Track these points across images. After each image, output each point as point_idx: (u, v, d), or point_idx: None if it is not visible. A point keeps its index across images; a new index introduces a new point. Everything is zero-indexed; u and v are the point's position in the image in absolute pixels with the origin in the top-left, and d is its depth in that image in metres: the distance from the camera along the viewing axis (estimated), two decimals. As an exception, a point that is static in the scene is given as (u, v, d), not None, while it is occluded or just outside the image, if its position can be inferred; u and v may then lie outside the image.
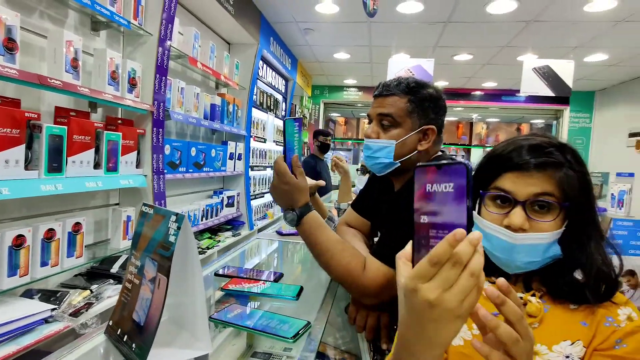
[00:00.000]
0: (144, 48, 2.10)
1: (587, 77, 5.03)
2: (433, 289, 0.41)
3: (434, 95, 1.07)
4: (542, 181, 0.65)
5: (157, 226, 0.63)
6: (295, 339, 0.71)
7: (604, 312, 0.64)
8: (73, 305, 1.53)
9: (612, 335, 0.62)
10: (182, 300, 0.67)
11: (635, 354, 0.60)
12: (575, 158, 0.68)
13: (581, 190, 0.66)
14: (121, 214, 1.96)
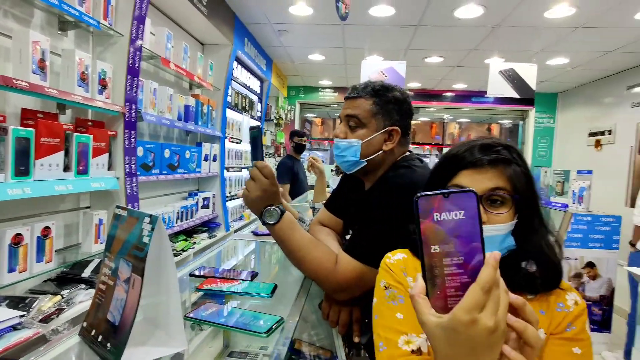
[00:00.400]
0: (114, 48, 2.07)
1: (550, 79, 5.28)
2: (490, 316, 0.42)
3: (399, 98, 1.13)
4: (495, 177, 0.71)
5: (131, 228, 0.65)
6: (269, 334, 0.73)
7: (554, 299, 0.71)
8: (43, 312, 1.50)
9: (564, 320, 0.69)
10: (156, 300, 0.69)
11: (580, 333, 0.68)
12: (519, 156, 0.74)
13: (527, 185, 0.72)
14: (92, 217, 1.93)
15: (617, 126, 4.71)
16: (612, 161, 4.70)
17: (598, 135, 5.03)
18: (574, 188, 3.55)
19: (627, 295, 3.12)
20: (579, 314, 0.69)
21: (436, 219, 0.46)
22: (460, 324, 0.42)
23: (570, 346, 0.68)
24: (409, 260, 0.82)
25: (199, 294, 1.04)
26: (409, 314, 0.73)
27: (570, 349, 0.67)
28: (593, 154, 5.12)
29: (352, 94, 1.14)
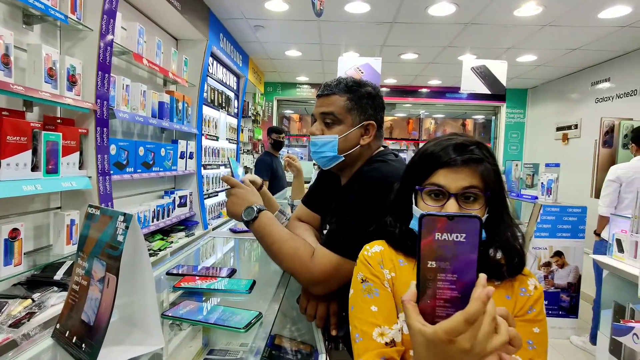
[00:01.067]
0: (84, 44, 2.00)
1: (520, 76, 5.45)
2: (468, 339, 0.47)
3: (371, 93, 1.15)
4: (469, 175, 0.75)
5: (104, 227, 0.64)
6: (247, 329, 0.74)
7: (518, 285, 0.77)
8: (13, 316, 1.45)
9: (526, 303, 0.75)
10: (132, 299, 0.68)
11: (539, 315, 0.75)
12: (489, 153, 0.78)
13: (497, 181, 0.76)
14: (64, 218, 1.87)
15: (583, 121, 4.92)
16: (578, 154, 4.91)
17: (565, 129, 5.24)
18: (542, 180, 3.69)
19: (593, 282, 3.28)
20: (538, 297, 0.76)
21: (437, 238, 0.51)
22: (439, 340, 0.48)
23: (531, 327, 0.74)
24: (385, 252, 0.84)
25: (177, 292, 1.04)
26: (383, 306, 0.76)
27: (531, 329, 0.74)
28: (560, 147, 5.33)
29: (325, 92, 1.16)
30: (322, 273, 1.00)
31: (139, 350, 0.65)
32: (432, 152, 0.78)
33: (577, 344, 3.36)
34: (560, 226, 3.49)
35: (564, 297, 3.52)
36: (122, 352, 0.63)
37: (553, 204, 3.52)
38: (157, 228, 2.83)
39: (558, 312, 3.51)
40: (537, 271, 3.50)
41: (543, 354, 0.73)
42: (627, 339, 1.48)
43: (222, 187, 4.50)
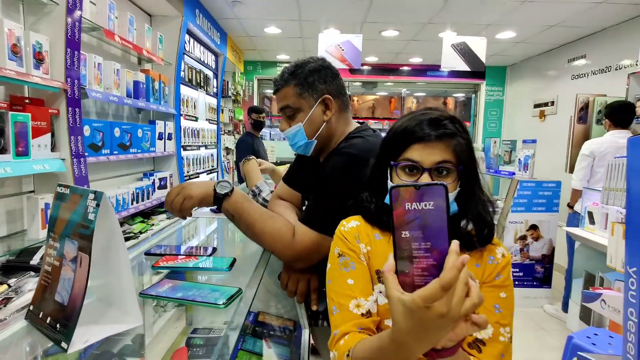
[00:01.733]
0: (49, 19, 1.90)
1: (499, 53, 5.48)
2: (444, 304, 0.49)
3: (315, 68, 1.14)
4: (442, 150, 0.76)
5: (75, 206, 0.63)
6: (226, 304, 0.75)
7: (487, 254, 0.81)
8: (-12, 302, 1.42)
9: (494, 271, 0.79)
10: (108, 279, 0.68)
11: (506, 280, 0.79)
12: (462, 127, 0.79)
13: (469, 155, 0.78)
14: (37, 201, 1.82)
15: (559, 97, 5.01)
16: (554, 131, 5.02)
17: (542, 106, 5.33)
18: (519, 157, 3.78)
19: (566, 253, 3.42)
20: (505, 264, 0.80)
21: (407, 208, 0.53)
22: (417, 307, 0.50)
23: (498, 292, 0.78)
24: (362, 227, 0.86)
25: (158, 273, 1.03)
26: (359, 279, 0.78)
27: (498, 294, 0.78)
28: (538, 124, 5.44)
29: (275, 88, 1.19)
30: (303, 251, 1.02)
31: (117, 328, 0.65)
32: (406, 128, 0.79)
33: (550, 312, 3.53)
34: (535, 200, 3.60)
35: (538, 269, 3.67)
36: (100, 331, 0.63)
37: (529, 179, 3.62)
38: (137, 210, 2.79)
39: (532, 283, 3.67)
40: (513, 244, 3.62)
41: (509, 316, 0.77)
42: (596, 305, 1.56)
43: (203, 168, 4.44)
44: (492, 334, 0.75)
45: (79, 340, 0.58)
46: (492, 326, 0.75)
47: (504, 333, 0.75)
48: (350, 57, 3.66)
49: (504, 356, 0.75)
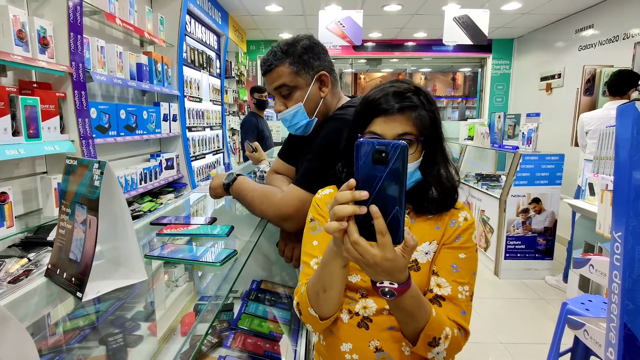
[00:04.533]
0: (51, 4, 1.95)
1: (505, 25, 5.37)
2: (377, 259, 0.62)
3: (307, 45, 1.16)
4: (403, 123, 0.79)
5: (82, 175, 0.70)
6: (222, 262, 0.82)
7: (449, 218, 0.85)
8: (11, 274, 1.53)
9: (454, 233, 0.83)
10: (115, 243, 0.75)
11: (466, 243, 0.83)
12: (428, 99, 0.82)
13: (432, 126, 0.81)
14: (50, 181, 1.92)
15: (566, 69, 4.93)
16: (561, 104, 4.97)
17: (549, 79, 5.25)
18: (523, 131, 3.77)
19: (569, 226, 3.46)
20: (467, 227, 0.84)
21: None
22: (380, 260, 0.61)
23: (457, 252, 0.82)
24: (334, 195, 0.92)
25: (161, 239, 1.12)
26: (322, 241, 0.87)
27: (457, 254, 0.82)
28: (544, 97, 5.37)
29: (267, 69, 1.17)
30: (288, 207, 1.08)
31: (123, 282, 0.73)
32: (372, 100, 0.82)
33: (551, 283, 3.60)
34: (538, 174, 3.62)
35: (540, 241, 3.72)
36: (110, 284, 0.71)
37: (532, 153, 3.62)
38: (146, 190, 2.89)
39: (534, 255, 3.73)
40: (515, 217, 3.67)
41: (467, 276, 0.82)
42: (585, 270, 1.61)
43: (209, 149, 4.51)
44: (451, 290, 0.80)
45: (92, 291, 0.66)
46: (449, 284, 0.80)
47: (462, 291, 0.80)
48: (351, 33, 3.64)
49: (465, 313, 0.80)
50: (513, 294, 3.46)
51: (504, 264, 3.74)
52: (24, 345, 0.35)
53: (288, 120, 1.19)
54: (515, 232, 3.70)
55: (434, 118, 0.81)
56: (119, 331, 0.98)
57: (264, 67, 1.18)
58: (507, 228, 3.69)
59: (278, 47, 1.16)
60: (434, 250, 0.83)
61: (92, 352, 0.93)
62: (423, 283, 0.81)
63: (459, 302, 0.80)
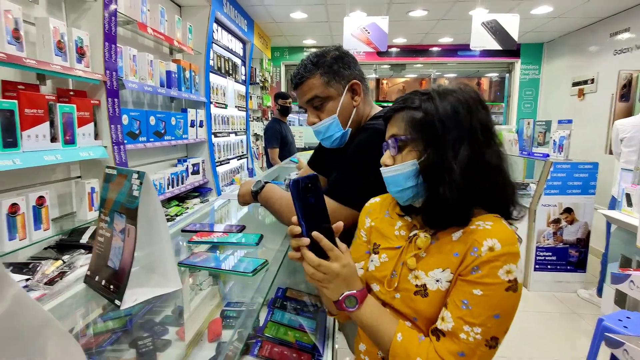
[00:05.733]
0: (88, 15, 2.03)
1: (535, 29, 5.23)
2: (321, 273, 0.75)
3: (337, 56, 1.15)
4: (394, 124, 0.81)
5: (121, 185, 0.71)
6: (254, 273, 0.82)
7: (473, 243, 0.72)
8: (47, 275, 1.58)
9: (472, 264, 0.71)
10: (151, 250, 0.76)
11: (485, 277, 0.69)
12: (429, 100, 0.77)
13: (423, 125, 0.76)
14: (84, 186, 1.98)
15: (600, 75, 4.75)
16: (594, 110, 4.78)
17: (581, 84, 5.08)
18: (554, 138, 3.65)
19: (603, 237, 3.31)
20: (489, 259, 0.70)
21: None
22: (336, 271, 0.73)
23: (471, 287, 0.70)
24: (380, 203, 0.92)
25: (191, 246, 1.13)
26: (355, 249, 0.93)
27: (470, 289, 0.70)
28: (576, 103, 5.19)
29: (297, 81, 1.17)
30: None
31: (160, 291, 0.74)
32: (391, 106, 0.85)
33: (584, 297, 3.44)
34: (570, 183, 3.49)
35: (573, 253, 3.57)
36: (145, 293, 0.72)
37: (564, 161, 3.50)
38: (173, 195, 2.94)
39: (566, 267, 3.58)
40: (546, 228, 3.54)
41: (481, 317, 0.69)
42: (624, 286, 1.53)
43: (233, 154, 4.58)
44: (452, 327, 0.70)
45: (129, 299, 0.67)
46: (453, 320, 0.70)
47: (468, 332, 0.69)
48: (376, 39, 3.62)
49: (463, 355, 0.69)
50: (543, 307, 3.33)
51: (533, 276, 3.61)
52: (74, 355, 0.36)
53: (322, 133, 1.18)
54: (545, 242, 3.57)
55: (427, 119, 0.75)
56: (148, 335, 1.00)
57: (294, 80, 1.18)
58: (537, 238, 3.57)
59: (308, 60, 1.16)
60: (448, 280, 0.74)
61: (122, 354, 0.94)
62: (431, 311, 0.75)
63: (459, 341, 0.70)
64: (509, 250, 0.70)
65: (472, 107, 0.76)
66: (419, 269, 0.77)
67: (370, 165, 1.01)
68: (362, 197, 1.07)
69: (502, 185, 0.77)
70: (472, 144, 0.74)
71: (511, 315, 0.71)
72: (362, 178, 1.05)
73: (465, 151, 0.73)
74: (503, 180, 0.77)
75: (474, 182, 0.73)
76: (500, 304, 0.69)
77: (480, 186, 0.74)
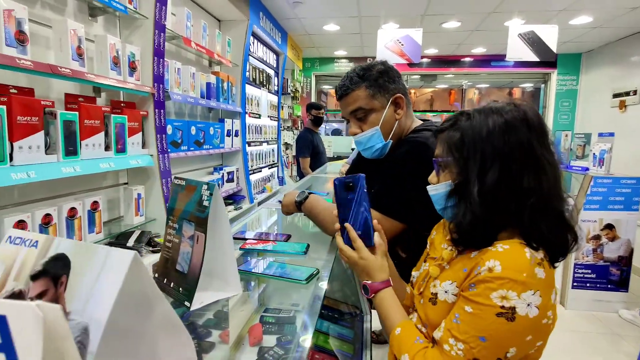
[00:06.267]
0: (140, 31, 2.16)
1: (574, 39, 5.10)
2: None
3: (382, 70, 1.19)
4: (438, 145, 0.83)
5: (191, 195, 0.77)
6: (308, 281, 0.86)
7: (478, 262, 0.72)
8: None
9: (471, 280, 0.71)
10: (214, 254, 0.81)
11: (478, 297, 0.68)
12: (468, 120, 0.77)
13: (458, 146, 0.77)
14: (132, 192, 2.09)
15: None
16: (637, 122, 4.59)
17: (623, 95, 4.89)
18: (594, 151, 3.53)
19: (646, 255, 3.16)
20: (485, 280, 0.68)
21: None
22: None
23: (464, 303, 0.71)
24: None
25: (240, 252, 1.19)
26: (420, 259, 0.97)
27: (464, 305, 0.70)
28: (617, 115, 5.00)
29: (343, 93, 1.21)
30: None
31: (221, 295, 0.79)
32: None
33: (626, 318, 3.28)
34: (612, 198, 3.35)
35: (614, 271, 3.42)
36: (209, 296, 0.77)
37: (605, 175, 3.37)
38: (210, 202, 3.04)
39: (607, 286, 3.43)
40: (585, 244, 3.41)
41: (466, 334, 0.68)
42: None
43: (265, 163, 4.68)
44: (440, 337, 0.72)
45: (197, 301, 0.72)
46: (443, 331, 0.73)
47: (452, 345, 0.69)
48: (409, 51, 3.64)
49: None
50: (582, 326, 3.20)
51: (571, 294, 3.48)
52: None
53: (363, 143, 1.22)
54: (584, 259, 3.44)
55: (461, 139, 0.76)
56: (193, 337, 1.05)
57: (339, 91, 1.23)
58: (576, 255, 3.44)
59: (354, 72, 1.21)
60: (454, 293, 0.76)
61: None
62: (436, 320, 0.77)
63: (443, 352, 0.71)
64: (510, 275, 0.66)
65: (512, 128, 0.73)
66: (439, 279, 0.81)
67: (409, 177, 1.04)
68: (403, 209, 1.09)
69: (542, 214, 0.72)
70: (505, 167, 0.72)
71: (504, 344, 0.67)
72: (402, 190, 1.08)
73: (493, 175, 0.72)
74: (545, 208, 0.72)
75: (497, 207, 0.72)
76: (488, 328, 0.66)
77: (511, 210, 0.72)
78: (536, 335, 0.68)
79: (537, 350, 0.72)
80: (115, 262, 0.31)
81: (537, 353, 0.73)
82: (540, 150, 0.74)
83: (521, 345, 0.67)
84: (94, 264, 0.31)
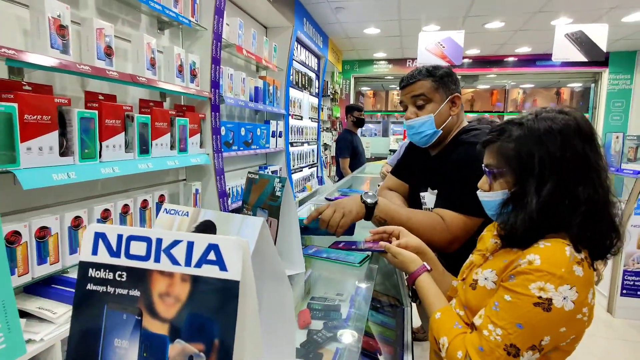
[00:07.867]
0: (200, 42, 2.37)
1: (627, 37, 4.87)
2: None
3: (448, 72, 1.33)
4: (488, 155, 0.86)
5: (264, 187, 0.92)
6: (362, 264, 0.98)
7: (519, 256, 0.77)
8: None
9: (511, 272, 0.76)
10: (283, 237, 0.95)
11: (517, 286, 0.74)
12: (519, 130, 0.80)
13: (509, 159, 0.80)
14: (191, 187, 2.30)
15: None
16: (698, 124, 4.32)
17: (682, 95, 4.61)
18: (648, 154, 3.39)
19: None
20: (524, 271, 0.73)
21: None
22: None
23: (503, 292, 0.76)
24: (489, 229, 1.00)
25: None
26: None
27: (503, 294, 0.75)
28: (676, 116, 4.71)
29: (410, 80, 1.34)
30: (459, 232, 1.18)
31: (288, 272, 0.92)
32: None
33: (681, 329, 3.13)
34: (667, 203, 3.21)
35: (668, 279, 3.27)
36: (278, 273, 0.91)
37: (659, 179, 3.23)
38: (256, 199, 3.23)
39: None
40: (636, 250, 3.29)
41: (504, 321, 0.73)
42: None
43: (305, 163, 4.85)
44: (480, 324, 0.77)
45: (270, 275, 0.86)
46: (483, 317, 0.77)
47: (491, 330, 0.74)
48: (451, 53, 3.67)
49: (482, 350, 0.74)
50: (632, 336, 3.09)
51: (619, 301, 3.36)
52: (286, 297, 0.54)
53: (415, 128, 1.33)
54: (634, 266, 3.31)
55: (515, 151, 0.79)
56: None
57: (405, 80, 1.36)
58: (625, 261, 3.32)
59: (423, 67, 1.35)
60: (493, 280, 0.81)
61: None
62: (474, 303, 0.83)
63: (482, 337, 0.75)
64: (549, 269, 0.71)
65: (567, 139, 0.76)
66: (481, 267, 0.87)
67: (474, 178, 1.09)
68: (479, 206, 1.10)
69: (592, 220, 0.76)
70: (562, 179, 0.75)
71: (539, 332, 0.71)
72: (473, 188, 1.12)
73: (551, 187, 0.75)
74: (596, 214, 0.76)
75: (551, 216, 0.75)
76: (525, 316, 0.71)
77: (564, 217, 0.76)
78: (570, 328, 0.73)
79: (569, 344, 0.76)
80: (250, 225, 0.44)
81: (570, 347, 0.78)
82: (594, 158, 0.77)
83: (555, 335, 0.72)
84: (233, 226, 0.45)
